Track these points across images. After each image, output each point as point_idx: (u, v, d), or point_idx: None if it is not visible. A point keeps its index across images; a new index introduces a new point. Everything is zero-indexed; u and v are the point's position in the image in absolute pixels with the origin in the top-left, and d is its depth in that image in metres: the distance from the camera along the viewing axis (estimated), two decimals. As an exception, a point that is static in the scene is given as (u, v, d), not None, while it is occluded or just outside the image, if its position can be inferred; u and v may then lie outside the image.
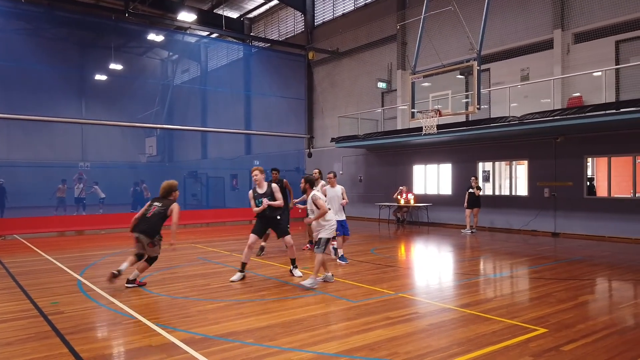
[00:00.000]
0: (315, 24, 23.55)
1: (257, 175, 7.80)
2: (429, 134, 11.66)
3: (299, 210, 9.80)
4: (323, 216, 7.26)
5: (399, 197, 17.54)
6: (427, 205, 17.32)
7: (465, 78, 13.80)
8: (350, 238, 10.30)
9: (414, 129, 14.68)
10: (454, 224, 16.66)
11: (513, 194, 15.71)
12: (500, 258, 10.33)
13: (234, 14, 26.84)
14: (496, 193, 16.16)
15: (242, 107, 26.22)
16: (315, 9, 23.62)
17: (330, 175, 9.57)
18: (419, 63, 12.24)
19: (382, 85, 19.64)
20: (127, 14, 18.16)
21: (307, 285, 7.06)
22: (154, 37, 21.14)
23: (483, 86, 14.19)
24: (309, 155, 23.09)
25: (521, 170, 15.66)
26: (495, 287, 7.67)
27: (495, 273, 8.97)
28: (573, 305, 6.12)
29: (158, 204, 7.45)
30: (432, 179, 18.06)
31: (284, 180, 10.90)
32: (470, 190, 14.88)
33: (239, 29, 26.32)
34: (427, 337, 4.92)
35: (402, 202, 17.53)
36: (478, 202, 14.88)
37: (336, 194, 9.31)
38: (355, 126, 19.46)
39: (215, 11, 25.65)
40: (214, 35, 26.25)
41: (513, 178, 15.85)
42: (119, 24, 19.48)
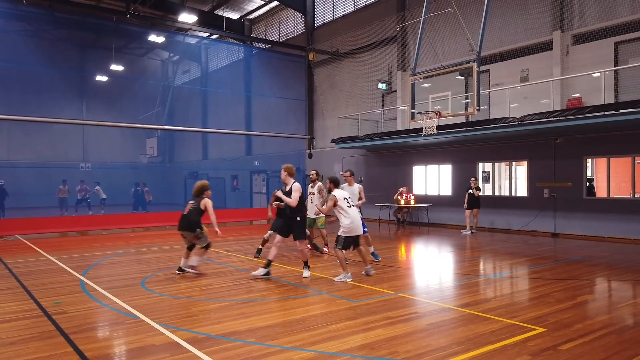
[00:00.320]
0: (316, 25, 23.62)
1: (282, 174, 8.34)
2: (428, 135, 11.72)
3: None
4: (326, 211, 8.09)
5: (399, 197, 17.60)
6: (427, 206, 17.38)
7: (465, 79, 13.86)
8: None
9: (414, 130, 14.74)
10: (454, 224, 16.72)
11: (513, 194, 15.77)
12: (500, 258, 10.39)
13: (234, 15, 26.93)
14: (496, 194, 16.22)
15: (242, 108, 26.29)
16: (316, 10, 23.69)
17: (347, 174, 9.60)
18: (419, 64, 12.31)
19: (382, 86, 19.71)
20: (128, 15, 18.24)
21: (338, 280, 7.58)
22: (155, 38, 21.20)
23: (483, 87, 14.28)
24: (310, 156, 23.15)
25: (521, 170, 15.72)
26: (494, 287, 7.73)
27: (495, 273, 9.03)
28: (571, 305, 6.18)
29: (192, 202, 8.34)
30: (432, 179, 18.13)
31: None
32: (470, 191, 14.94)
33: (239, 30, 26.42)
34: (426, 337, 4.97)
35: (402, 202, 17.58)
36: (478, 203, 14.94)
37: (353, 193, 9.25)
38: (355, 127, 19.53)
39: (215, 12, 25.74)
40: (215, 37, 26.33)
41: (513, 179, 15.91)
42: (120, 25, 19.54)
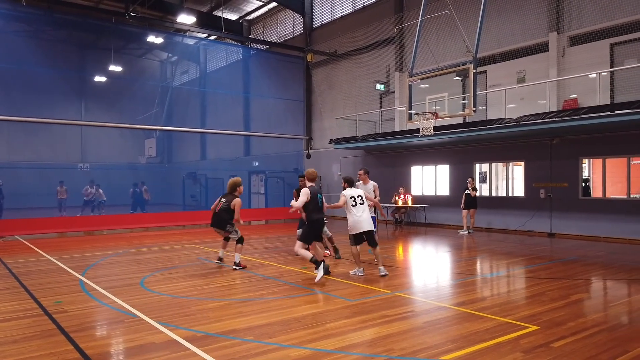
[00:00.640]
0: (314, 26, 23.72)
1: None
2: (425, 135, 11.81)
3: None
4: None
5: (396, 198, 17.69)
6: (424, 206, 17.47)
7: (462, 80, 13.96)
8: (345, 238, 10.43)
9: (412, 131, 14.84)
10: (451, 224, 16.81)
11: (510, 194, 15.87)
12: (496, 258, 10.48)
13: (232, 16, 27.01)
14: (493, 194, 16.33)
15: (241, 109, 26.37)
16: (314, 11, 23.79)
17: (361, 172, 9.71)
18: (416, 65, 12.41)
19: (380, 87, 19.80)
20: (127, 16, 18.31)
21: (352, 273, 8.11)
22: (154, 39, 21.27)
23: (480, 88, 14.39)
24: (308, 156, 23.24)
25: (518, 171, 15.82)
26: (490, 286, 7.82)
27: (491, 273, 9.12)
28: (565, 304, 6.27)
29: (224, 200, 8.86)
30: (430, 180, 18.22)
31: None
32: (467, 191, 15.03)
33: (237, 31, 26.49)
34: (422, 335, 5.06)
35: (399, 203, 17.67)
36: (474, 203, 15.03)
37: (368, 191, 9.45)
38: (353, 127, 19.62)
39: (214, 13, 25.82)
40: (213, 37, 26.40)
41: (510, 179, 16.02)
42: (119, 26, 19.61)
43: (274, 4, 25.38)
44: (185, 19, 20.32)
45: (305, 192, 7.89)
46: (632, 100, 11.48)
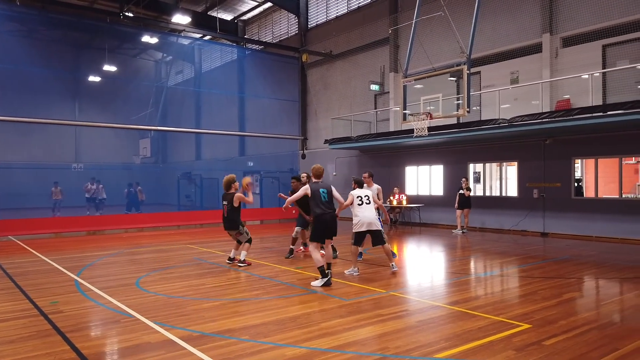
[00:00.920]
0: (309, 26, 23.76)
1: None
2: (420, 136, 11.90)
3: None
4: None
5: (391, 197, 17.77)
6: (419, 206, 17.56)
7: (456, 81, 14.04)
8: (344, 238, 10.50)
9: (406, 131, 14.90)
10: (445, 224, 16.91)
11: (503, 194, 15.99)
12: (490, 257, 10.57)
13: (227, 16, 27.01)
14: (487, 194, 16.44)
15: (236, 109, 26.35)
16: (309, 11, 23.83)
17: (366, 175, 9.76)
18: (411, 66, 12.50)
19: (374, 87, 19.87)
20: (121, 16, 18.28)
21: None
22: (148, 39, 21.23)
23: (474, 89, 14.47)
24: (303, 156, 23.29)
25: (511, 171, 15.93)
26: (483, 285, 7.90)
27: (485, 272, 9.20)
28: (557, 303, 6.35)
29: (225, 202, 9.09)
30: (424, 180, 18.32)
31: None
32: (461, 191, 15.12)
33: (232, 31, 26.49)
34: (416, 333, 5.12)
35: (394, 202, 17.75)
36: (468, 203, 15.12)
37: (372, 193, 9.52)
38: (348, 128, 19.69)
39: (209, 13, 25.80)
40: (208, 38, 26.39)
41: (503, 179, 16.13)
42: (114, 26, 19.57)
43: (269, 4, 25.41)
44: (180, 19, 20.31)
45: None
46: (624, 101, 11.61)
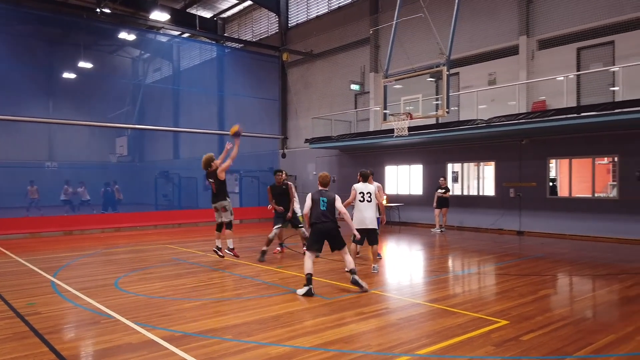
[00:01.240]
0: (289, 25, 23.73)
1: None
2: (400, 136, 12.01)
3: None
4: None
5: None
6: (398, 205, 17.72)
7: (435, 81, 14.21)
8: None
9: (386, 131, 15.04)
10: (424, 223, 17.11)
11: (481, 194, 16.27)
12: (467, 256, 10.75)
13: (207, 14, 26.76)
14: (465, 193, 16.69)
15: (215, 108, 26.12)
16: (289, 10, 23.79)
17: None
18: (391, 66, 12.60)
19: (355, 87, 19.96)
20: (98, 12, 17.93)
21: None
22: (126, 35, 20.91)
23: (452, 89, 14.67)
24: (283, 155, 23.26)
25: (488, 171, 16.22)
26: (462, 283, 8.04)
27: (463, 270, 9.36)
28: (533, 299, 6.51)
29: (211, 180, 9.28)
30: (404, 179, 18.49)
31: (288, 183, 10.40)
32: (439, 191, 15.31)
33: (212, 29, 26.23)
34: (397, 331, 5.19)
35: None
36: (446, 202, 15.32)
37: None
38: (328, 127, 19.74)
39: (188, 10, 25.52)
40: (186, 35, 26.10)
41: (481, 179, 16.41)
42: (90, 22, 19.20)
43: (249, 3, 25.27)
44: (159, 15, 20.03)
45: (307, 197, 7.31)
46: (597, 102, 11.95)
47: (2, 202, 18.69)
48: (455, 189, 16.68)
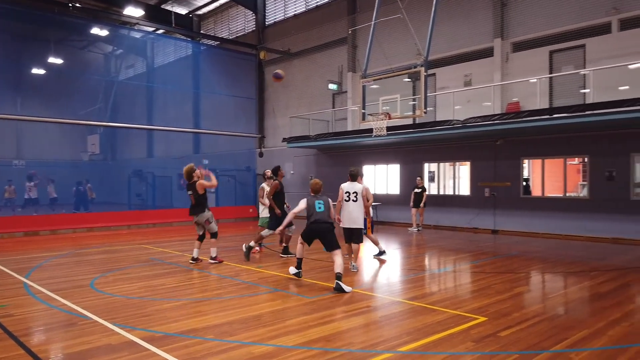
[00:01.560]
0: (267, 23, 23.62)
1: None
2: (379, 135, 12.11)
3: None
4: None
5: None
6: (376, 205, 17.83)
7: (412, 82, 14.35)
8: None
9: (364, 131, 15.13)
10: (401, 222, 17.28)
11: (456, 193, 16.53)
12: (444, 254, 10.92)
13: (182, 10, 26.40)
14: (441, 193, 16.93)
15: (190, 105, 25.81)
16: (267, 8, 23.68)
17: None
18: (369, 66, 12.68)
19: (333, 86, 20.01)
20: (70, 7, 17.48)
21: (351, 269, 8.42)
22: (98, 31, 20.45)
23: (429, 90, 14.85)
24: (260, 154, 23.15)
25: (464, 170, 16.50)
26: (439, 281, 8.16)
27: (440, 268, 9.50)
28: (509, 296, 6.66)
29: (190, 192, 9.10)
30: (381, 179, 18.64)
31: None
32: (416, 190, 15.47)
33: (187, 26, 25.91)
34: (379, 328, 5.24)
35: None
36: (421, 200, 15.44)
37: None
38: (306, 126, 19.72)
39: (163, 6, 25.12)
40: (161, 32, 25.68)
41: (456, 178, 16.68)
42: (61, 17, 18.69)
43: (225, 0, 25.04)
44: (133, 11, 19.68)
45: (302, 201, 7.62)
46: (568, 104, 12.29)
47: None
48: (431, 189, 16.89)
